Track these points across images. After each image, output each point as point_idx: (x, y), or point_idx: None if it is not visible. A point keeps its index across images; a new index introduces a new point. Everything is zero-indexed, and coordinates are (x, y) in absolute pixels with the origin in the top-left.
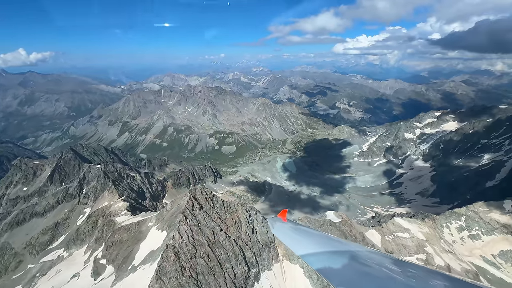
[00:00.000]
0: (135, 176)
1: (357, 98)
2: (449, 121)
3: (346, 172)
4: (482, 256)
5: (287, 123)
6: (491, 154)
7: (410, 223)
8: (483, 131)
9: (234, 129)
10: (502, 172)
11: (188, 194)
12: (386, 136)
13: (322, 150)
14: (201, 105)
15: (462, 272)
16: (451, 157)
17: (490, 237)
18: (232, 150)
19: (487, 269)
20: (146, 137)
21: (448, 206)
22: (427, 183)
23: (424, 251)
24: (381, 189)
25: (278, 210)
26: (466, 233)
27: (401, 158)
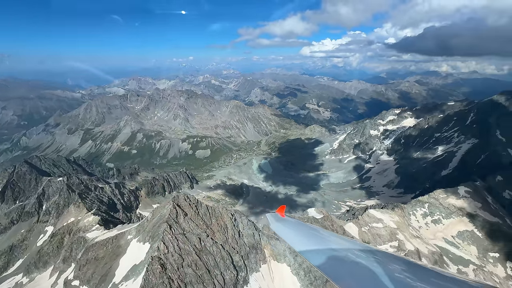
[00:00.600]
0: (104, 187)
1: (325, 98)
2: (407, 117)
3: (319, 170)
4: (444, 238)
5: (261, 124)
6: (444, 146)
7: (382, 213)
8: (436, 125)
9: (207, 133)
10: (454, 162)
11: (171, 202)
12: (354, 134)
13: (295, 149)
14: (171, 109)
15: (429, 254)
16: (411, 150)
17: (449, 220)
18: (206, 154)
19: (448, 249)
20: (112, 145)
21: (411, 195)
22: (392, 176)
23: (396, 238)
24: (352, 184)
25: (257, 212)
26: (430, 219)
27: (368, 153)
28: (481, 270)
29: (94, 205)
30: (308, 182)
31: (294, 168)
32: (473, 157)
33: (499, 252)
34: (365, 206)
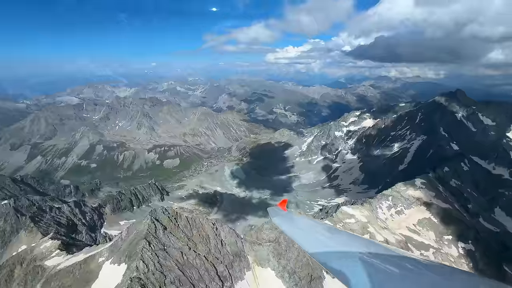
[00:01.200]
0: (62, 207)
1: (291, 103)
2: (366, 119)
3: (291, 172)
4: (407, 226)
5: (231, 130)
6: (399, 143)
7: (354, 209)
8: (391, 125)
9: (175, 141)
10: (408, 157)
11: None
12: (320, 136)
13: (266, 153)
14: (134, 118)
15: (396, 243)
16: (371, 149)
17: (410, 210)
18: (175, 163)
19: (411, 236)
20: (67, 160)
21: (375, 190)
22: (357, 173)
23: (368, 231)
24: (322, 184)
25: (233, 219)
26: (394, 210)
27: (335, 153)
28: (439, 252)
29: (50, 228)
30: (281, 184)
31: (267, 172)
32: (424, 152)
33: (452, 234)
34: (337, 204)
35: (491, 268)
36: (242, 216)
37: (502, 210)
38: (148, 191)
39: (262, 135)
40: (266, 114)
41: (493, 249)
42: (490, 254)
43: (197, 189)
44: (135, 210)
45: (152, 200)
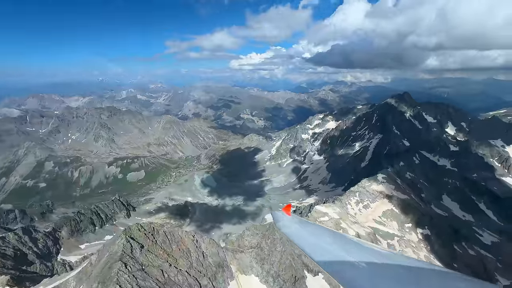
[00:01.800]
0: (6, 236)
1: (257, 108)
2: (329, 121)
3: (262, 177)
4: (374, 219)
5: (198, 138)
6: (360, 142)
7: (327, 207)
8: (352, 126)
9: (139, 152)
10: (368, 154)
11: (123, 235)
12: (288, 139)
13: (237, 159)
14: (90, 129)
15: (366, 236)
16: (336, 149)
17: (375, 203)
18: (140, 176)
19: (378, 228)
20: (9, 180)
21: (342, 187)
22: (324, 173)
23: (341, 227)
24: (293, 185)
25: (207, 229)
26: (361, 205)
27: (303, 155)
28: (402, 240)
29: None
30: (253, 189)
31: (238, 178)
32: (381, 149)
33: (411, 222)
34: (310, 204)
35: (445, 248)
36: (216, 225)
37: (448, 196)
38: (112, 208)
39: (231, 141)
40: (234, 120)
41: (445, 232)
42: (443, 236)
43: (166, 201)
44: (98, 231)
45: (117, 218)
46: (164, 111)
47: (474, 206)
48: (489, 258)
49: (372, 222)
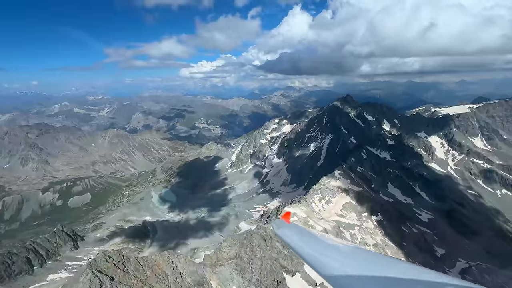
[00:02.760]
0: None
1: (213, 116)
2: (285, 125)
3: (225, 185)
4: (336, 213)
5: (152, 151)
6: (314, 143)
7: (294, 208)
8: (305, 128)
9: (81, 173)
10: (323, 154)
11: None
12: (247, 145)
13: (196, 170)
14: (15, 152)
15: (332, 230)
16: (293, 151)
17: (335, 198)
18: (85, 199)
19: (341, 220)
20: None
21: (302, 187)
22: (285, 175)
23: (309, 225)
24: (256, 190)
25: (171, 247)
26: (324, 201)
27: (263, 160)
28: (362, 228)
29: None
30: (217, 199)
31: (200, 189)
32: (333, 148)
33: (366, 211)
34: (277, 207)
35: (395, 230)
36: (181, 242)
37: (391, 184)
38: (54, 241)
39: (189, 152)
40: (189, 129)
41: (393, 216)
42: (392, 220)
43: (120, 224)
44: (38, 271)
45: (62, 252)
46: (109, 125)
47: (411, 190)
48: (428, 233)
49: (335, 216)
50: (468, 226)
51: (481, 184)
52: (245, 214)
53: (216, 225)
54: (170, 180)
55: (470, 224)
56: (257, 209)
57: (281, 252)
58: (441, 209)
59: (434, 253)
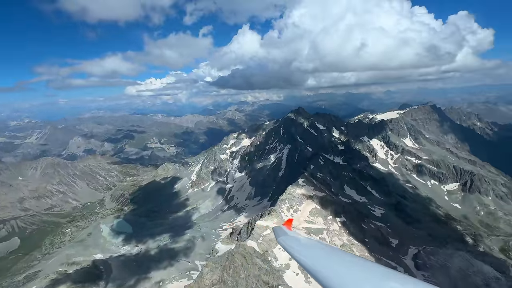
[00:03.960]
0: None
1: (166, 135)
2: (244, 139)
3: (187, 206)
4: (305, 220)
5: (97, 179)
6: (274, 154)
7: (266, 221)
8: (264, 140)
9: (5, 214)
10: (283, 164)
11: None
12: (207, 162)
13: (153, 194)
14: None
15: None
16: (254, 164)
17: (302, 206)
18: (12, 246)
19: (310, 227)
20: None
21: (267, 199)
22: (248, 188)
23: None
24: (221, 208)
25: (131, 285)
26: (292, 210)
27: (225, 175)
28: (329, 231)
29: None
30: (179, 223)
31: (159, 214)
32: (292, 157)
33: (331, 214)
34: (247, 222)
35: (357, 229)
36: (142, 277)
37: (347, 186)
38: None
39: (142, 175)
40: (140, 151)
41: (354, 215)
42: (353, 219)
43: (63, 268)
44: None
45: None
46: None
47: (364, 190)
48: (383, 227)
49: (304, 223)
50: (412, 215)
51: (415, 177)
52: (212, 235)
53: (181, 251)
54: (122, 208)
55: (412, 214)
56: (224, 227)
57: (262, 267)
58: (389, 203)
59: (390, 245)
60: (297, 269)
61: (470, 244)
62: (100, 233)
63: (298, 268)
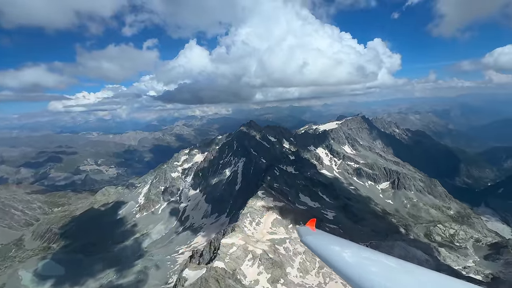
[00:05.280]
0: None
1: (104, 155)
2: (196, 154)
3: (135, 233)
4: (268, 231)
5: (12, 214)
6: (229, 168)
7: (231, 237)
8: (218, 155)
9: None
10: (239, 177)
11: None
12: (157, 182)
13: (91, 224)
14: None
15: (270, 250)
16: (209, 180)
17: (263, 218)
18: None
19: (273, 237)
20: None
21: (224, 215)
22: (204, 206)
23: (248, 251)
24: (176, 230)
25: None
26: (254, 223)
27: (178, 195)
28: (291, 240)
29: None
30: (127, 253)
31: (100, 248)
32: (248, 170)
33: (291, 222)
34: (210, 241)
35: None
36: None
37: (302, 193)
38: None
39: (75, 204)
40: (70, 175)
41: None
42: None
43: None
44: None
45: None
46: None
47: (316, 195)
48: (336, 228)
49: (267, 235)
50: (357, 214)
51: (356, 180)
52: (167, 262)
53: (131, 285)
54: (50, 246)
55: (358, 213)
56: (180, 251)
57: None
58: (339, 206)
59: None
60: (266, 283)
61: (404, 233)
62: (19, 281)
63: (267, 282)
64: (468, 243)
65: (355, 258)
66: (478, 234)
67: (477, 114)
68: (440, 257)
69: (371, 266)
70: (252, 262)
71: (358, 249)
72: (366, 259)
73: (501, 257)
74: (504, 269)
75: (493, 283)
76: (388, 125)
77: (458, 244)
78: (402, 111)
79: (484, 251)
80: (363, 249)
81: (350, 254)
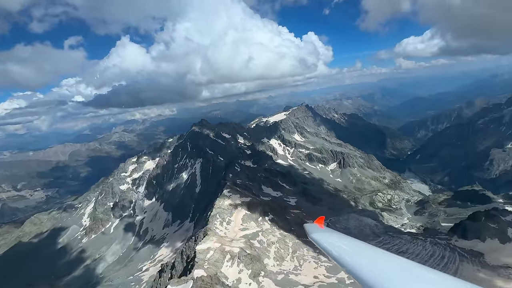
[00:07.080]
0: None
1: (24, 177)
2: (146, 161)
3: (85, 260)
4: (239, 228)
5: None
6: (186, 171)
7: (205, 242)
8: (171, 159)
9: None
10: (198, 179)
11: None
12: (103, 198)
13: (22, 261)
14: None
15: (246, 246)
16: (165, 186)
17: (233, 216)
18: None
19: (246, 233)
20: None
21: (188, 220)
22: (164, 215)
23: (225, 251)
24: (135, 246)
25: None
26: (225, 223)
27: (131, 208)
28: (263, 232)
29: None
30: (78, 285)
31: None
32: (206, 171)
33: (260, 215)
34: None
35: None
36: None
37: (264, 185)
38: None
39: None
40: None
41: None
42: (278, 214)
43: None
44: None
45: None
46: None
47: (278, 185)
48: (299, 213)
49: (240, 232)
50: (315, 196)
51: (308, 165)
52: (131, 283)
53: None
54: None
55: (315, 195)
56: (144, 268)
57: None
58: (298, 192)
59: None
60: (248, 278)
61: (354, 206)
62: None
63: (249, 278)
64: (402, 204)
65: (367, 258)
66: (408, 195)
67: (393, 95)
68: (384, 220)
69: (385, 267)
70: (232, 262)
71: (367, 247)
72: (379, 260)
73: (426, 211)
74: (429, 220)
75: (425, 232)
76: (328, 112)
77: (395, 206)
78: (337, 97)
79: (413, 208)
80: (371, 248)
81: (362, 253)
